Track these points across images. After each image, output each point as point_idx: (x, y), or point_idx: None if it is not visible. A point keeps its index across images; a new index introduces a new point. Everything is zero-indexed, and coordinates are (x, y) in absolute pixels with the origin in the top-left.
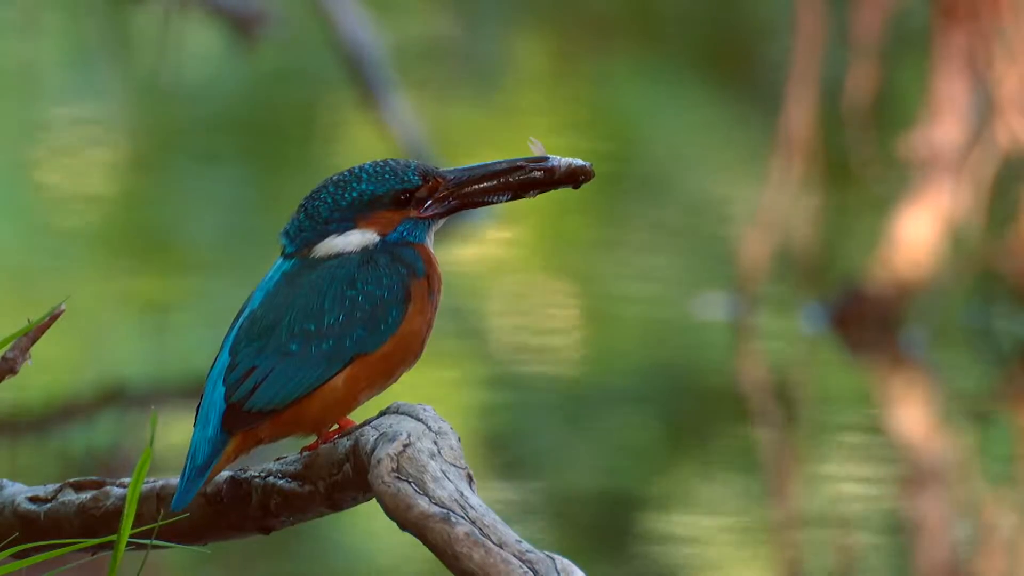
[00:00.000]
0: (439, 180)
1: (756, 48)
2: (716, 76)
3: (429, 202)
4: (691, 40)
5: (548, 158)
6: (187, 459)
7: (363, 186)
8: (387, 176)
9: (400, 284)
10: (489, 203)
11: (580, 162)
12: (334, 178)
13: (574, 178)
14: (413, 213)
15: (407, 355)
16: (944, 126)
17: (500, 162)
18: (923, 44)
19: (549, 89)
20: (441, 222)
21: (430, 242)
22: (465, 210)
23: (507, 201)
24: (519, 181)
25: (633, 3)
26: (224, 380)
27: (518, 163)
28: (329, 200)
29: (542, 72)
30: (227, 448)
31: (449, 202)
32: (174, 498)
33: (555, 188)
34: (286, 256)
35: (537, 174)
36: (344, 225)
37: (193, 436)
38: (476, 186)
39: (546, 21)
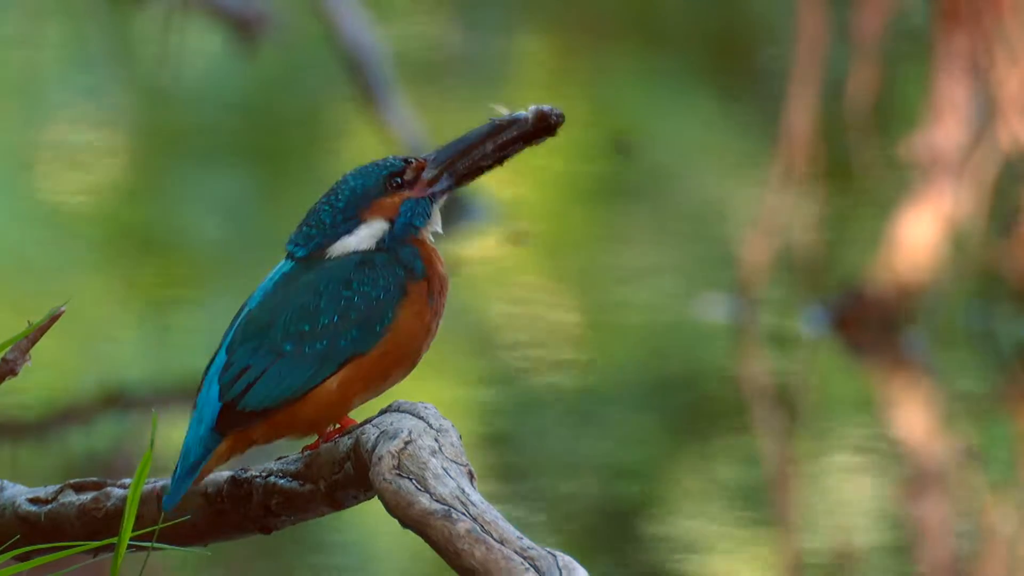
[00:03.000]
0: (422, 161)
1: (757, 50)
2: (717, 78)
3: (426, 181)
4: (692, 42)
5: (516, 114)
6: (179, 458)
7: (352, 183)
8: (370, 168)
9: (397, 285)
10: (480, 171)
11: (546, 106)
12: (325, 193)
13: (546, 122)
14: (409, 194)
15: (402, 358)
16: (945, 128)
17: (475, 130)
18: (924, 46)
19: (550, 91)
20: (442, 200)
21: (437, 222)
22: (462, 185)
23: (496, 166)
24: (499, 143)
25: (634, 5)
26: (219, 379)
27: (494, 124)
28: (327, 207)
29: (543, 74)
30: (219, 448)
31: (447, 178)
32: (164, 498)
33: (535, 141)
34: (296, 260)
35: (512, 132)
36: (350, 224)
37: (187, 435)
38: (464, 158)
39: (547, 23)
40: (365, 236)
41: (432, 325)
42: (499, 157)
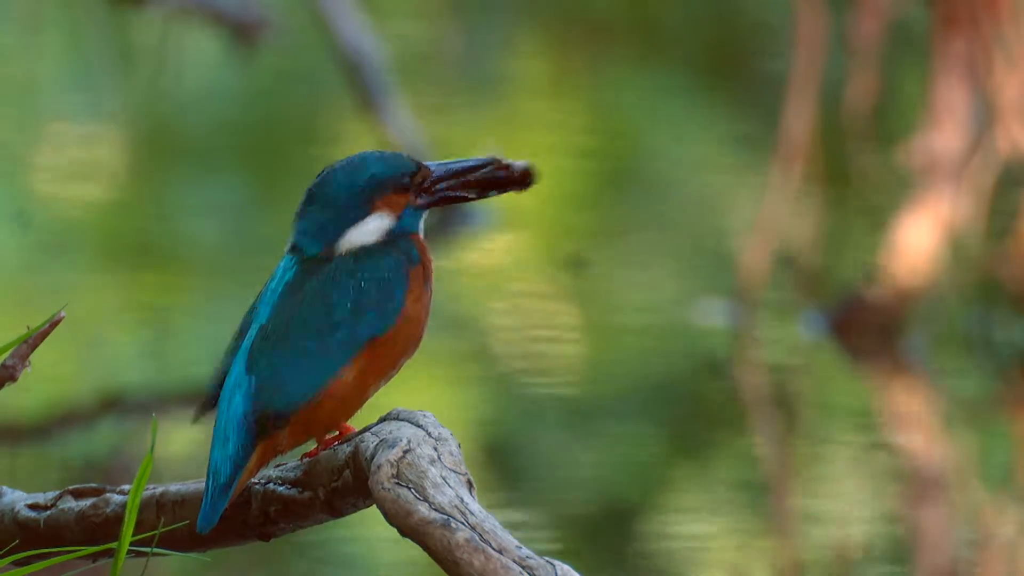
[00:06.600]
0: (427, 170)
1: (756, 55)
2: (716, 83)
3: (421, 192)
4: (691, 47)
5: (507, 160)
6: (208, 478)
7: (374, 168)
8: (390, 159)
9: (400, 267)
10: (465, 199)
11: (527, 163)
12: (337, 166)
13: (526, 177)
14: (411, 199)
15: (408, 342)
16: (944, 133)
17: (476, 158)
18: (923, 51)
19: (549, 96)
20: (426, 213)
21: (421, 233)
22: (447, 204)
23: (475, 199)
24: (485, 178)
25: (633, 10)
26: (244, 396)
27: (494, 158)
28: (345, 183)
29: (542, 79)
30: (248, 463)
31: (438, 194)
32: (199, 519)
33: (511, 189)
34: (308, 259)
35: (501, 173)
36: (362, 210)
37: (212, 455)
38: (456, 180)
39: (545, 28)
40: (373, 229)
41: (429, 308)
42: (481, 192)
